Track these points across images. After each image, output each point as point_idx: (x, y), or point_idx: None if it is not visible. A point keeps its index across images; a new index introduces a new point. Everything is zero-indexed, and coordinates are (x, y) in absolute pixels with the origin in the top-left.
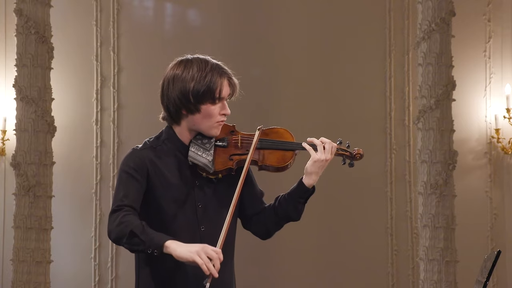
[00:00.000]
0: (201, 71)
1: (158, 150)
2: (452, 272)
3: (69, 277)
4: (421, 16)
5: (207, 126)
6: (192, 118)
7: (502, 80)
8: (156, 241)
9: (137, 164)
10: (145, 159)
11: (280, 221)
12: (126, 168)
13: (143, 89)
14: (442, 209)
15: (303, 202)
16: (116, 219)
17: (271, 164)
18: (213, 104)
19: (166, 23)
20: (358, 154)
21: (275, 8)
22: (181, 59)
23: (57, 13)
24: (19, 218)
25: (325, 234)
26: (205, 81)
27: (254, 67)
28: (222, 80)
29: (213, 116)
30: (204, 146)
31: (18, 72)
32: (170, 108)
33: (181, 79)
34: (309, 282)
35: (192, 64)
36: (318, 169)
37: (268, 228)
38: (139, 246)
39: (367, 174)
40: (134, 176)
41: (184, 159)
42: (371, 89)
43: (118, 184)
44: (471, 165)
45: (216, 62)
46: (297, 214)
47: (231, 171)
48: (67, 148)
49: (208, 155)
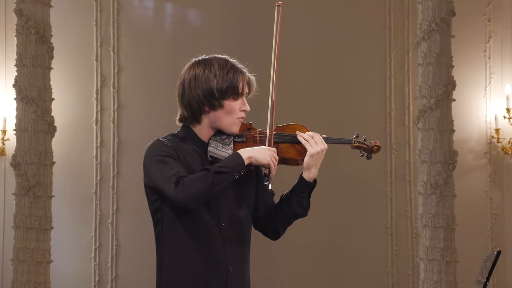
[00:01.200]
0: (222, 68)
1: (179, 145)
2: (452, 272)
3: (69, 277)
4: (421, 16)
5: (229, 123)
6: (214, 114)
7: (502, 80)
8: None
9: (169, 150)
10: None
11: (287, 219)
12: (160, 152)
13: (143, 89)
14: (442, 209)
15: (307, 196)
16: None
17: (290, 157)
18: (235, 100)
19: (166, 23)
20: (375, 146)
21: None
22: (198, 59)
23: (57, 13)
24: (19, 218)
25: (325, 234)
26: (227, 77)
27: (254, 67)
28: (243, 76)
29: (235, 112)
30: (224, 141)
31: (18, 72)
32: (194, 106)
33: (204, 77)
34: (309, 282)
35: (212, 62)
36: (316, 161)
37: (277, 227)
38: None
39: (367, 174)
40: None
41: (204, 156)
42: (371, 89)
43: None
44: (471, 165)
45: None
46: (303, 209)
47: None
48: (67, 148)
49: (228, 149)
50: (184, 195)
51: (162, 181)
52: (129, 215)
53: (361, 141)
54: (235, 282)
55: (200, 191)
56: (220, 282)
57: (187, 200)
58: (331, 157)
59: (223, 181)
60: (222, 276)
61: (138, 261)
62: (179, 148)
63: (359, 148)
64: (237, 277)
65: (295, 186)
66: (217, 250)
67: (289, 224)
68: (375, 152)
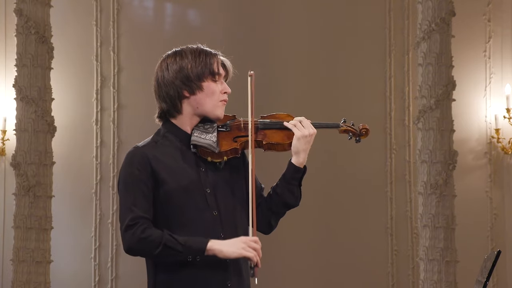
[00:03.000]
0: (193, 53)
1: (159, 144)
2: (452, 272)
3: (69, 277)
4: (421, 16)
5: (212, 105)
6: (195, 99)
7: (502, 80)
8: (195, 248)
9: (140, 162)
10: (147, 155)
11: (278, 209)
12: (130, 170)
13: (143, 89)
14: (442, 209)
15: (297, 184)
16: (134, 235)
17: (277, 142)
18: (214, 82)
19: (166, 23)
20: (364, 129)
21: (275, 8)
22: (169, 53)
23: (57, 13)
24: (19, 218)
25: (325, 234)
26: (200, 60)
27: (254, 67)
28: (216, 58)
29: (216, 94)
30: (207, 130)
31: (18, 72)
32: (172, 94)
33: (177, 64)
34: (309, 282)
35: (183, 50)
36: (305, 145)
37: (269, 220)
38: (176, 256)
39: (367, 174)
40: (140, 178)
41: (187, 148)
42: (371, 89)
43: (124, 191)
44: (471, 165)
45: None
46: (294, 199)
47: (236, 152)
48: (67, 148)
49: (212, 137)
50: (130, 245)
51: (121, 213)
52: None
53: (348, 125)
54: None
55: (145, 253)
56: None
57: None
58: (331, 157)
59: (172, 257)
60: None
61: (138, 261)
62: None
63: (346, 132)
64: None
65: (285, 173)
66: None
67: (281, 215)
68: (364, 136)
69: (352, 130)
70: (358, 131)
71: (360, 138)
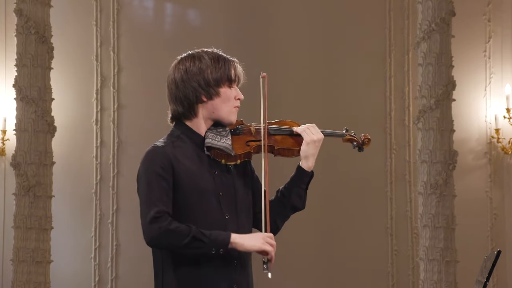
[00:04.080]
0: (213, 59)
1: (176, 145)
2: (452, 272)
3: (69, 277)
4: (421, 16)
5: (227, 111)
6: (212, 103)
7: (502, 80)
8: (220, 240)
9: (163, 162)
10: (169, 154)
11: (286, 212)
12: (153, 168)
13: (143, 89)
14: (442, 209)
15: (305, 188)
16: (160, 227)
17: (288, 147)
18: (230, 88)
19: (166, 23)
20: (366, 139)
21: (275, 8)
22: (185, 55)
23: (57, 13)
24: (19, 218)
25: (325, 234)
26: (219, 66)
27: (254, 67)
28: (233, 64)
29: (231, 100)
30: (220, 133)
31: (18, 72)
32: (190, 97)
33: (196, 68)
34: (309, 282)
35: (201, 55)
36: (313, 150)
37: (276, 222)
38: (202, 249)
39: (367, 174)
40: (162, 176)
41: (201, 150)
42: (371, 89)
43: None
44: (471, 165)
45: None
46: (301, 202)
47: (249, 156)
48: (67, 148)
49: (227, 140)
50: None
51: (143, 208)
52: (129, 215)
53: (351, 135)
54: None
55: (171, 245)
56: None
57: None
58: (332, 157)
59: (198, 249)
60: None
61: (138, 261)
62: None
63: (351, 141)
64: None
65: (293, 176)
66: None
67: (287, 218)
68: (366, 145)
69: (356, 140)
70: (361, 141)
71: (362, 147)
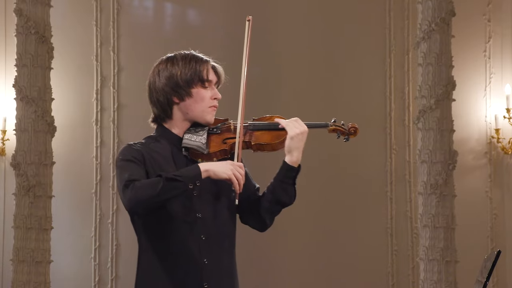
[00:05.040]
0: (184, 59)
1: (152, 146)
2: (452, 272)
3: (69, 277)
4: (421, 16)
5: (201, 111)
6: (185, 104)
7: (502, 80)
8: (193, 173)
9: (134, 153)
10: (142, 152)
11: (273, 207)
12: (123, 157)
13: (143, 89)
14: (442, 209)
15: (291, 183)
16: (133, 188)
17: (266, 142)
18: (204, 88)
19: (166, 23)
20: (352, 128)
21: (275, 9)
22: (161, 59)
23: (57, 13)
24: (19, 218)
25: (325, 234)
26: (190, 66)
27: (254, 67)
28: (206, 64)
29: (205, 100)
30: (198, 133)
31: (18, 72)
32: (161, 100)
33: (167, 70)
34: (309, 282)
35: (174, 56)
36: (297, 143)
37: (263, 218)
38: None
39: (367, 174)
40: (134, 161)
41: (179, 151)
42: (371, 89)
43: (119, 171)
44: (471, 165)
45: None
46: (288, 197)
47: (226, 153)
48: (67, 148)
49: (202, 139)
50: (131, 199)
51: (118, 185)
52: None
53: (338, 125)
54: (211, 274)
55: (148, 196)
56: (194, 274)
57: (134, 204)
58: (332, 157)
59: (175, 189)
60: (197, 268)
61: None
62: (150, 150)
63: (335, 131)
64: (213, 269)
65: (278, 172)
66: (191, 242)
67: (275, 213)
68: (353, 135)
69: (341, 129)
70: (347, 130)
71: (349, 137)
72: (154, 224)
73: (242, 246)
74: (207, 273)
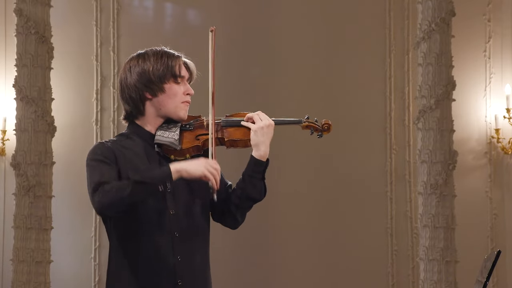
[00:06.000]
0: (155, 55)
1: (124, 143)
2: (452, 272)
3: (69, 277)
4: (421, 16)
5: (174, 106)
6: (158, 100)
7: (502, 80)
8: (161, 174)
9: (104, 152)
10: (113, 149)
11: (243, 204)
12: (93, 157)
13: None
14: (442, 209)
15: (260, 177)
16: (101, 192)
17: (238, 138)
18: (176, 84)
19: (166, 23)
20: (326, 125)
21: (275, 8)
22: (132, 55)
23: (57, 13)
24: (19, 218)
25: (324, 234)
26: (162, 61)
27: (254, 67)
28: (178, 60)
29: (178, 95)
30: (170, 129)
31: (18, 72)
32: (133, 96)
33: (139, 66)
34: (308, 282)
35: (146, 52)
36: (262, 137)
37: (234, 214)
38: (148, 190)
39: (367, 174)
40: (104, 161)
41: (152, 148)
42: (371, 89)
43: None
44: (471, 165)
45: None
46: (257, 192)
47: (198, 150)
48: (67, 148)
49: (174, 135)
50: (99, 202)
51: (88, 187)
52: None
53: (311, 121)
54: (184, 271)
55: (117, 200)
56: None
57: (103, 208)
58: (332, 157)
59: (143, 191)
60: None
61: None
62: (122, 147)
63: (308, 127)
64: (187, 266)
65: (246, 167)
66: (164, 239)
67: (246, 210)
68: (326, 131)
69: (314, 126)
70: (320, 126)
71: (322, 133)
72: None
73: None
74: (180, 270)
